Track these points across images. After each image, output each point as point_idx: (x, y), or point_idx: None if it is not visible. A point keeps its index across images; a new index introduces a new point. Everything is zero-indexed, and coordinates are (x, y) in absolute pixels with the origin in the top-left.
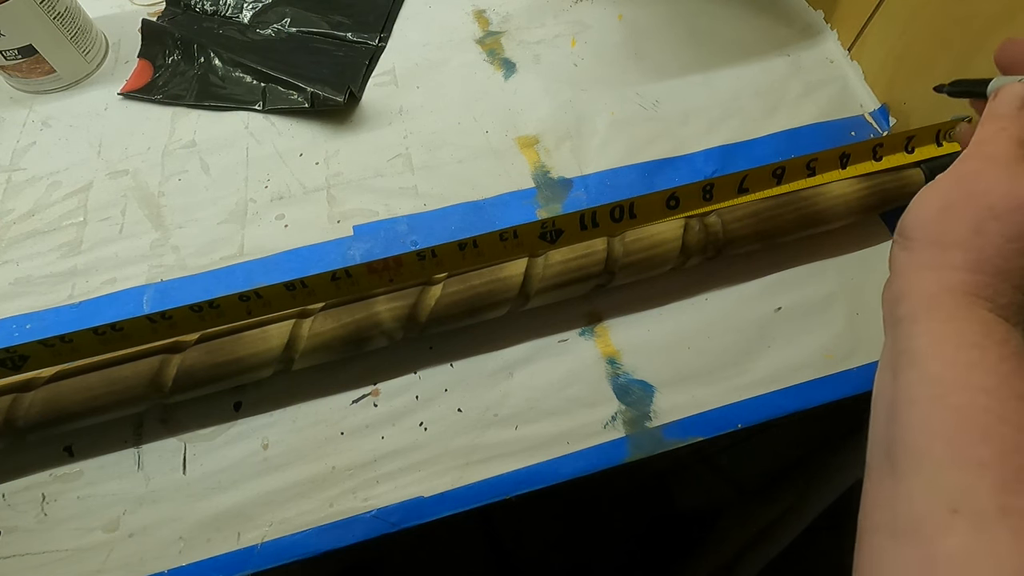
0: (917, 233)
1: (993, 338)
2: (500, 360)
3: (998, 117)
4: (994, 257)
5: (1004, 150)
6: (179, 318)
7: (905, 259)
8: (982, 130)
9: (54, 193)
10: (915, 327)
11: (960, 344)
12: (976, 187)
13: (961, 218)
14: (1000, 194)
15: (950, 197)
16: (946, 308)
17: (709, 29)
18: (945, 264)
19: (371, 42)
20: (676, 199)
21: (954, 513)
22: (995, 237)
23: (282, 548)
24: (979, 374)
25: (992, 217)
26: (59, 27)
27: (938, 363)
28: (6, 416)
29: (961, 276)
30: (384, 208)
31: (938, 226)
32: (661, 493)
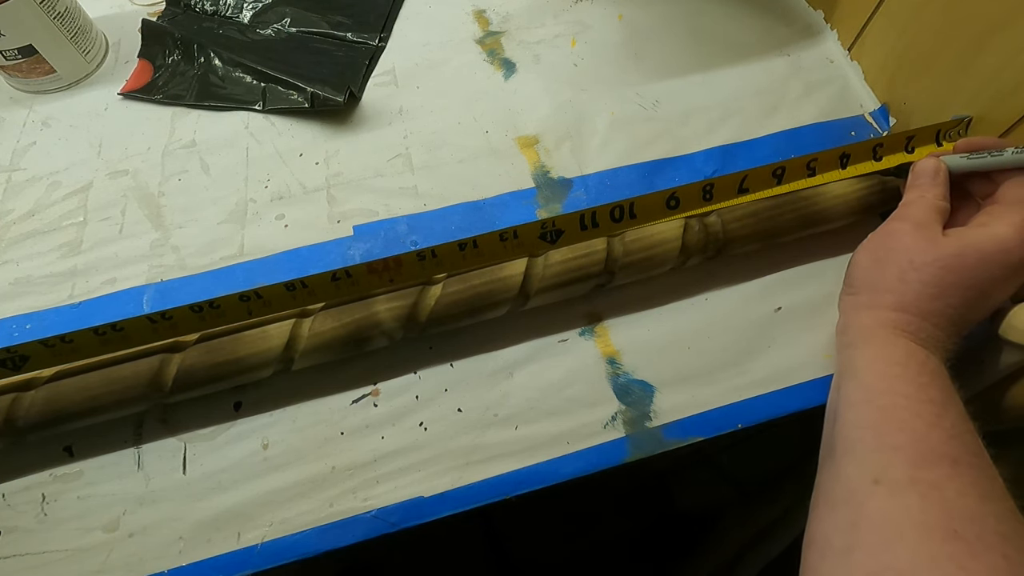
0: (857, 281)
1: (914, 359)
2: (500, 360)
3: (917, 186)
4: (915, 300)
5: (922, 214)
6: (179, 318)
7: (850, 302)
8: (906, 196)
9: (54, 193)
10: (855, 351)
11: (889, 362)
12: (900, 244)
13: (889, 269)
14: (918, 251)
15: (880, 252)
16: (879, 337)
17: (709, 29)
18: (879, 305)
19: (371, 42)
20: (676, 199)
21: (876, 483)
22: (915, 284)
23: (282, 548)
24: (901, 384)
25: (912, 269)
26: (59, 27)
27: (871, 375)
28: (6, 416)
29: (891, 315)
30: (384, 208)
31: (872, 275)
32: (661, 493)
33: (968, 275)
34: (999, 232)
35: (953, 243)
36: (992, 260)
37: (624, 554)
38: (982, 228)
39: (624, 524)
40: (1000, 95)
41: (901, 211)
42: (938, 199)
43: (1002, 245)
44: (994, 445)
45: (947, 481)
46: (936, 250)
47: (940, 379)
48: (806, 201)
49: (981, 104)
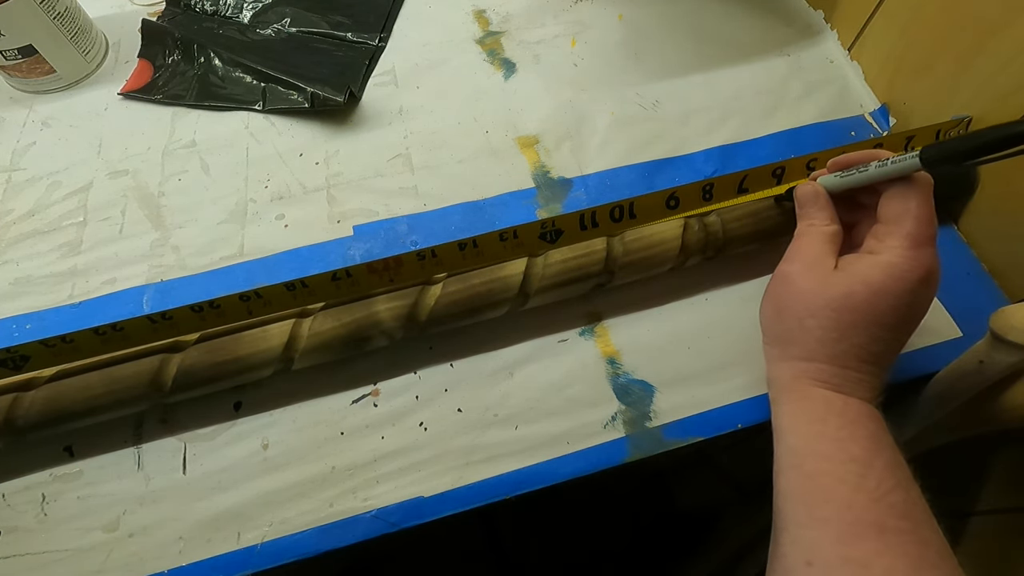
0: (767, 333)
1: (832, 411)
2: (500, 360)
3: (804, 215)
4: (819, 347)
5: (813, 248)
6: (180, 318)
7: (768, 353)
8: (798, 227)
9: (54, 193)
10: (778, 409)
11: (809, 419)
12: (794, 290)
13: (789, 318)
14: (811, 295)
15: (779, 301)
16: (796, 391)
17: (709, 29)
18: (788, 356)
19: (371, 42)
20: (676, 199)
21: (809, 565)
22: (815, 331)
23: (282, 548)
24: (823, 443)
25: (808, 315)
26: (59, 27)
27: (794, 436)
28: (6, 416)
29: (801, 365)
30: (384, 208)
31: (776, 326)
32: (661, 493)
33: (864, 312)
34: (885, 260)
35: (843, 281)
36: (885, 291)
37: (624, 554)
38: (870, 257)
39: (624, 524)
40: (1000, 95)
41: (793, 249)
42: (826, 224)
43: (891, 273)
44: (995, 445)
45: (875, 557)
46: (827, 291)
47: (862, 428)
48: None
49: (981, 104)
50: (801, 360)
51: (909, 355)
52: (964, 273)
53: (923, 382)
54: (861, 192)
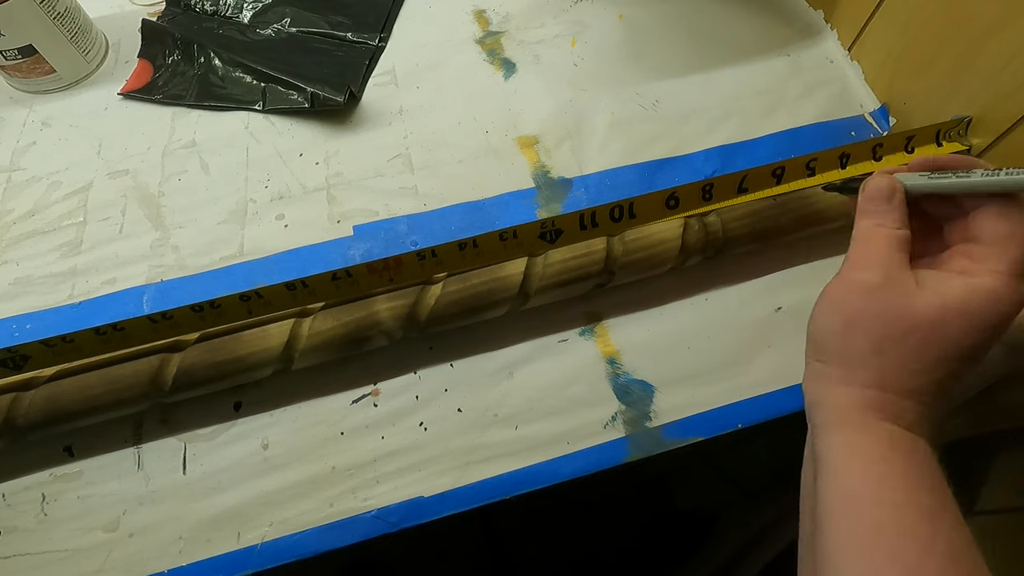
0: (825, 347)
1: (899, 451)
2: (500, 360)
3: (871, 212)
4: (896, 378)
5: (887, 256)
6: (180, 318)
7: (819, 369)
8: (859, 225)
9: (54, 193)
10: (829, 437)
11: (871, 458)
12: (872, 306)
13: (861, 337)
14: (893, 315)
15: (850, 315)
16: (856, 423)
17: (709, 29)
18: (853, 380)
19: (371, 42)
20: (676, 199)
21: None
22: (895, 358)
23: (282, 548)
24: (887, 489)
25: (889, 340)
26: (59, 27)
27: (852, 477)
28: (6, 415)
29: (868, 394)
30: (384, 208)
31: (843, 343)
32: (661, 493)
33: (954, 344)
34: (985, 285)
35: (933, 303)
36: (980, 320)
37: (624, 554)
38: (964, 279)
39: (624, 524)
40: (1000, 95)
41: (862, 253)
42: (898, 227)
43: (989, 300)
44: (995, 445)
45: None
46: (915, 314)
47: (930, 475)
48: (806, 201)
49: (981, 104)
50: (870, 388)
51: None
52: None
53: None
54: (931, 198)
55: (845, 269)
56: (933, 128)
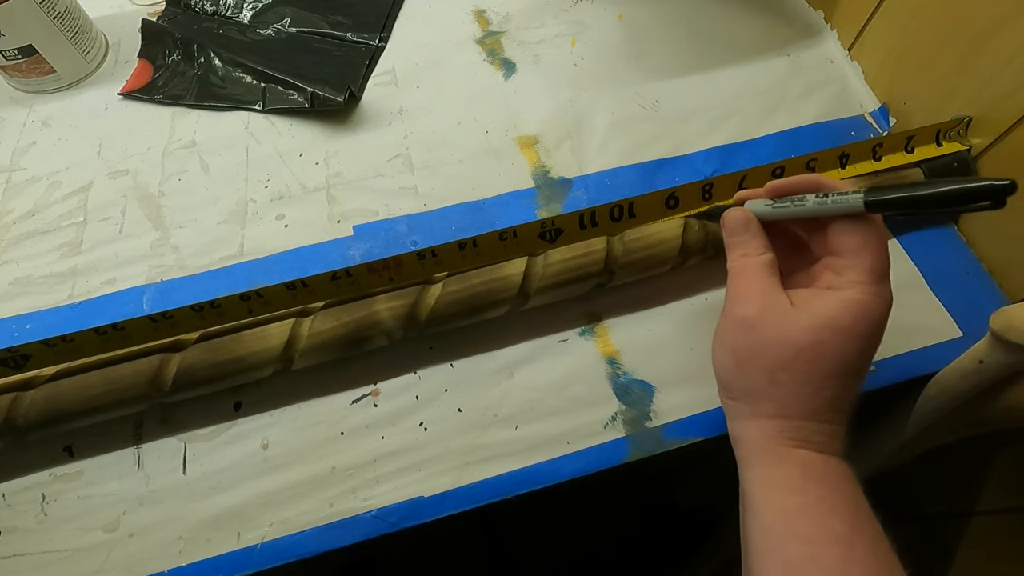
0: (729, 386)
1: (811, 479)
2: (500, 360)
3: (737, 244)
4: (795, 403)
5: (762, 285)
6: (180, 318)
7: (731, 407)
8: (730, 258)
9: (54, 193)
10: (749, 472)
11: (787, 490)
12: (756, 339)
13: (756, 371)
14: (779, 344)
15: (739, 353)
16: (769, 454)
17: (709, 29)
18: (760, 413)
19: (371, 42)
20: (676, 199)
21: None
22: (789, 384)
23: (282, 548)
24: (803, 522)
25: (779, 368)
26: (59, 27)
27: (769, 512)
28: (6, 415)
29: (775, 424)
30: (384, 208)
31: (741, 380)
32: (661, 493)
33: (838, 360)
34: (850, 297)
35: (809, 325)
36: (856, 334)
37: (624, 554)
38: (832, 294)
39: (624, 524)
40: (1000, 95)
41: (737, 289)
42: (760, 253)
43: (859, 314)
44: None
45: None
46: (795, 339)
47: (841, 496)
48: None
49: (981, 104)
50: (775, 418)
51: (909, 355)
52: (964, 273)
53: (923, 382)
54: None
55: (726, 305)
56: (933, 128)
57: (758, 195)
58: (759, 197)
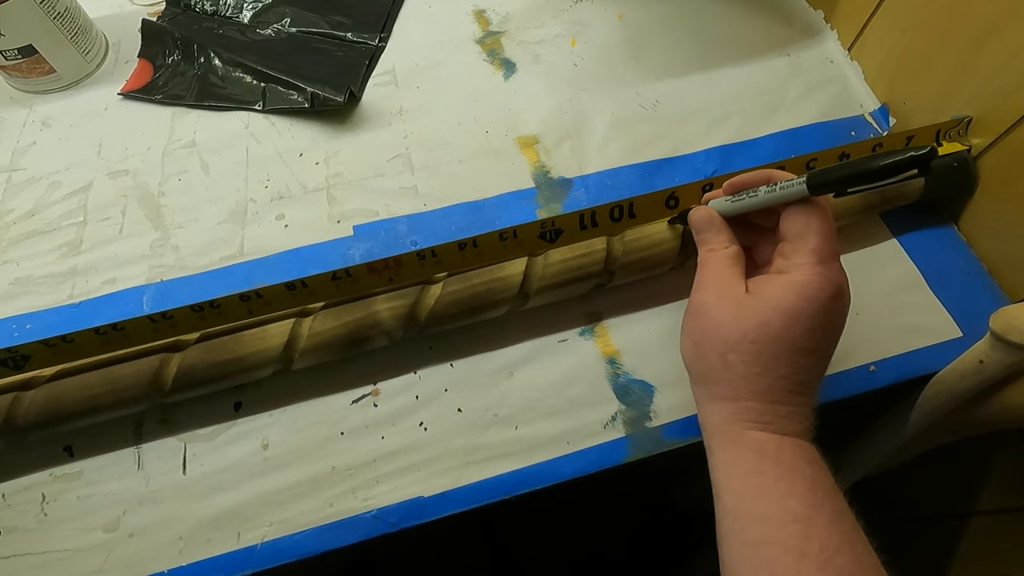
0: (691, 372)
1: (768, 460)
2: (500, 360)
3: (703, 240)
4: (744, 385)
5: (720, 275)
6: (180, 318)
7: (696, 393)
8: (699, 255)
9: (54, 193)
10: (712, 459)
11: (744, 472)
12: (709, 323)
13: (710, 355)
14: (727, 326)
15: (695, 337)
16: (726, 438)
17: (709, 29)
18: (717, 396)
19: (371, 42)
20: (676, 199)
21: None
22: (738, 366)
23: (282, 548)
24: (761, 502)
25: (729, 350)
26: (59, 27)
27: (730, 496)
28: (6, 415)
29: (728, 406)
30: (384, 208)
31: (698, 364)
32: (661, 493)
33: (784, 340)
34: (795, 280)
35: (757, 309)
36: (800, 314)
37: (624, 554)
38: (779, 279)
39: (624, 524)
40: (1000, 95)
41: (700, 278)
42: (725, 246)
43: (803, 294)
44: (995, 445)
45: None
46: (743, 322)
47: (799, 475)
48: None
49: (981, 104)
50: (728, 400)
51: (909, 355)
52: (964, 273)
53: (923, 382)
54: (757, 213)
55: (691, 296)
56: (933, 128)
57: (720, 195)
58: (720, 196)
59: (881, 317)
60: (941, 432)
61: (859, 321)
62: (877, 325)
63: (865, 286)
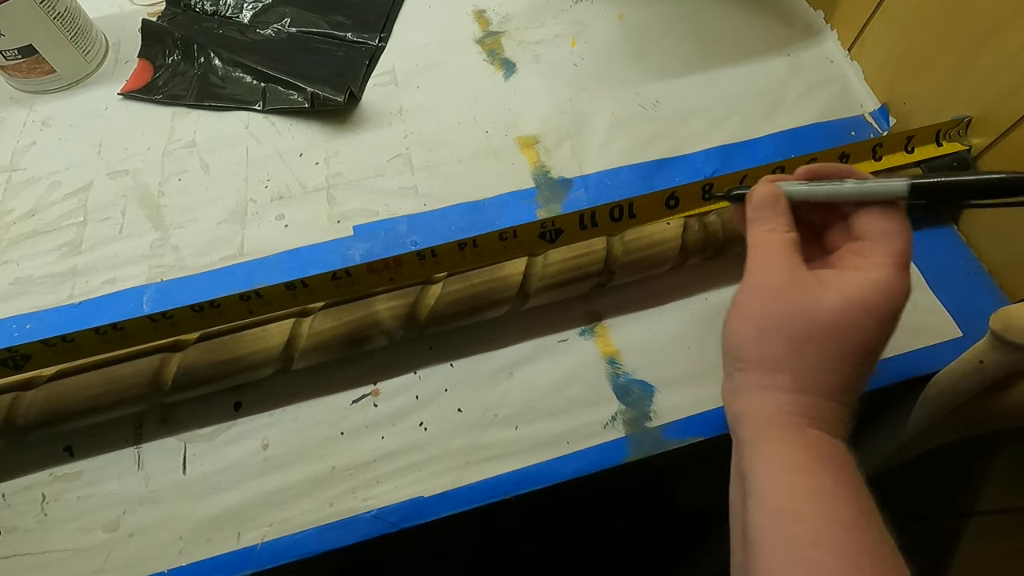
0: (743, 357)
1: (822, 461)
2: (500, 360)
3: (762, 219)
4: (814, 378)
5: (789, 260)
6: (180, 318)
7: (739, 379)
8: (753, 233)
9: (54, 193)
10: (754, 450)
11: (796, 470)
12: (781, 307)
13: (778, 341)
14: (805, 316)
15: (761, 319)
16: (778, 430)
17: (709, 29)
18: (774, 386)
19: (371, 42)
20: (676, 199)
21: None
22: (812, 358)
23: (282, 548)
24: (811, 505)
25: (803, 340)
26: (59, 27)
27: (778, 493)
28: (6, 415)
29: (790, 397)
30: (384, 208)
31: (759, 349)
32: (661, 493)
33: (859, 340)
34: (878, 277)
35: (836, 300)
36: (879, 313)
37: (624, 554)
38: (859, 273)
39: (624, 524)
40: (1000, 95)
41: (761, 259)
42: (787, 231)
43: (885, 292)
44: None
45: None
46: (823, 313)
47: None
48: None
49: (981, 104)
50: (789, 391)
51: (909, 355)
52: (964, 273)
53: (923, 382)
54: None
55: (749, 277)
56: (933, 128)
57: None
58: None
59: None
60: (941, 432)
61: None
62: None
63: None
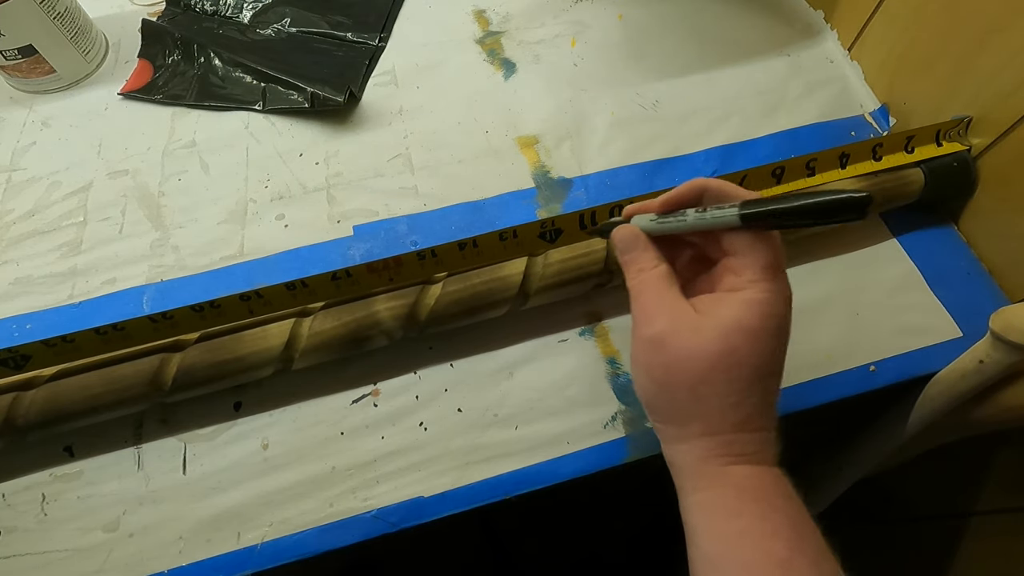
0: (655, 410)
1: (748, 499)
2: (500, 360)
3: (631, 261)
4: (721, 417)
5: (664, 299)
6: (180, 318)
7: (660, 431)
8: (628, 276)
9: (54, 193)
10: (686, 499)
11: (724, 514)
12: (670, 356)
13: (678, 390)
14: (693, 358)
15: (656, 374)
16: (703, 477)
17: (709, 29)
18: (690, 434)
19: (371, 42)
20: None
21: None
22: (712, 399)
23: (282, 548)
24: (743, 547)
25: (698, 383)
26: (59, 27)
27: (708, 540)
28: (6, 415)
29: (705, 443)
30: (384, 208)
31: (664, 404)
32: (661, 493)
33: (750, 364)
34: (752, 297)
35: (717, 332)
36: (766, 333)
37: (624, 554)
38: (734, 296)
39: (624, 524)
40: (1000, 95)
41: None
42: (655, 265)
43: (764, 311)
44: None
45: None
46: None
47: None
48: None
49: (981, 104)
50: (703, 436)
51: (909, 355)
52: (964, 273)
53: (923, 382)
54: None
55: (634, 328)
56: (933, 128)
57: (646, 209)
58: (648, 211)
59: (881, 317)
60: (941, 432)
61: (859, 321)
62: (877, 325)
63: (865, 286)
